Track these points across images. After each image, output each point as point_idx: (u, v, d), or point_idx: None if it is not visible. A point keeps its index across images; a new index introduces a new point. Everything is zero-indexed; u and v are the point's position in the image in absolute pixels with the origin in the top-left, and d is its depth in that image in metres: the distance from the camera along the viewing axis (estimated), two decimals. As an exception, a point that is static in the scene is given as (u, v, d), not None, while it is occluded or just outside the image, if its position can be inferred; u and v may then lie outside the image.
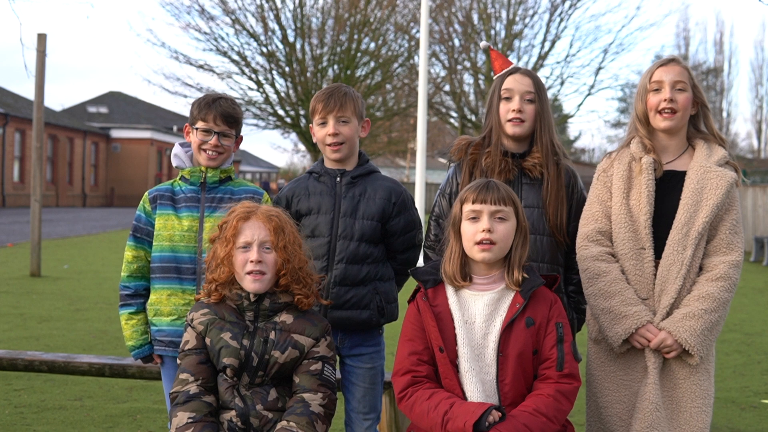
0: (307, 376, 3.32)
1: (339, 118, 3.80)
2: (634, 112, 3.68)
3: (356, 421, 3.86)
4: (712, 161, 3.55)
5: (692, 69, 3.67)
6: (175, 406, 3.28)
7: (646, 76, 3.64)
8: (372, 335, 3.89)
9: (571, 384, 3.20)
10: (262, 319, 3.37)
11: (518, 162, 3.82)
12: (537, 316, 3.22)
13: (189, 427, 3.19)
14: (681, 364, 3.45)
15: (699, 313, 3.37)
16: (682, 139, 3.67)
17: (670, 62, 3.63)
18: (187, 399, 3.26)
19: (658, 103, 3.56)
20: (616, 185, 3.59)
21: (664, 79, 3.57)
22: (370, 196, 3.81)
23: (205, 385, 3.32)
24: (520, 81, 3.83)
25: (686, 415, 3.43)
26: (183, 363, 3.36)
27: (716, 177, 3.49)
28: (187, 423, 3.20)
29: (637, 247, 3.49)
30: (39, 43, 13.06)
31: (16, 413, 5.99)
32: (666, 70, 3.59)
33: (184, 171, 3.92)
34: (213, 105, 3.86)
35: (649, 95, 3.60)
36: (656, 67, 3.63)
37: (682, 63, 3.63)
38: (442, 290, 3.30)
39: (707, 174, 3.50)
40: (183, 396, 3.28)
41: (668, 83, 3.56)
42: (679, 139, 3.66)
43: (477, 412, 3.00)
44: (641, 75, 3.77)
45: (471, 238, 3.23)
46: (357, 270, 3.76)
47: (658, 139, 3.64)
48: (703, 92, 3.67)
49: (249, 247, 3.33)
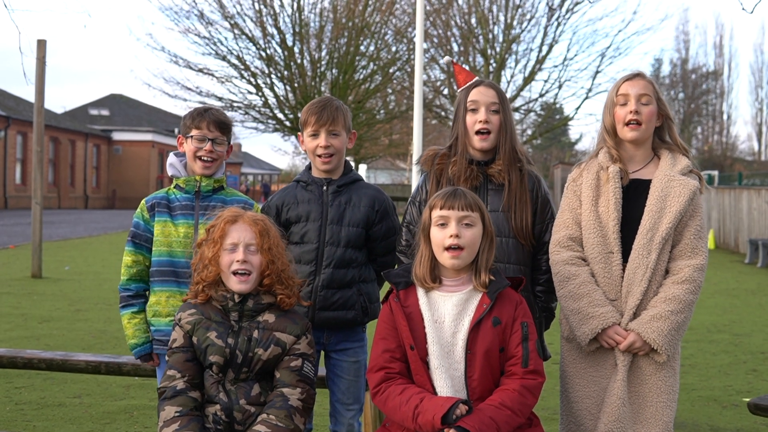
0: (288, 371, 3.53)
1: (330, 131, 4.04)
2: (602, 124, 3.90)
3: (341, 411, 4.11)
4: (675, 170, 3.76)
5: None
6: (163, 401, 3.48)
7: (613, 90, 3.84)
8: (356, 331, 4.15)
9: (536, 380, 3.40)
10: (246, 319, 3.57)
11: (483, 169, 4.00)
12: (503, 316, 3.42)
13: (176, 421, 3.40)
14: (648, 361, 3.66)
15: (666, 315, 3.59)
16: (647, 149, 3.88)
17: (635, 77, 3.84)
18: (174, 394, 3.47)
19: (625, 115, 3.77)
20: (585, 193, 3.80)
21: (630, 92, 3.78)
22: (355, 204, 4.05)
23: (191, 382, 3.52)
24: (484, 93, 4.02)
25: (652, 409, 3.65)
26: (171, 360, 3.57)
27: (679, 185, 3.70)
28: (174, 416, 3.41)
29: (606, 251, 3.70)
30: (38, 50, 13.22)
31: (16, 410, 6.21)
32: (632, 84, 3.80)
33: (180, 180, 4.15)
34: (205, 114, 4.10)
35: (616, 108, 3.81)
36: (622, 81, 3.84)
37: (646, 77, 3.84)
38: (413, 292, 3.50)
39: (671, 182, 3.71)
40: (170, 391, 3.48)
41: (634, 96, 3.77)
42: (645, 149, 3.87)
43: (445, 406, 3.21)
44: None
45: (440, 243, 3.43)
46: (343, 274, 4.00)
47: (625, 150, 3.85)
48: (667, 105, 3.88)
49: (235, 248, 3.54)
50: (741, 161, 54.94)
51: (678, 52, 57.23)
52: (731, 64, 59.03)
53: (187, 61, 26.59)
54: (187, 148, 4.12)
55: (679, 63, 57.96)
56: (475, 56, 31.32)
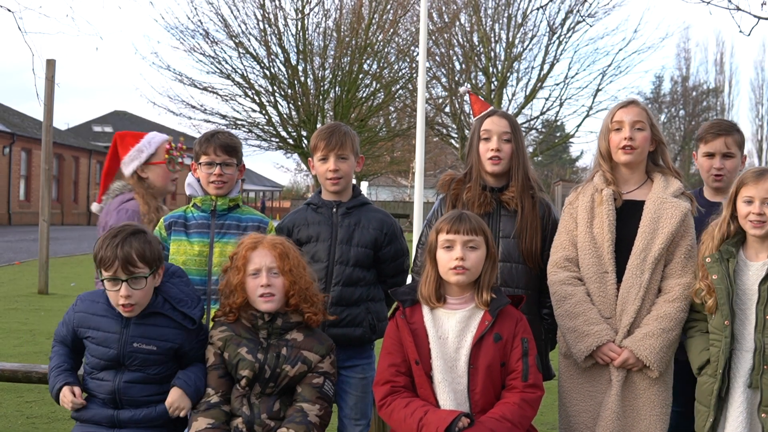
0: (309, 387, 3.73)
1: (339, 155, 4.21)
2: (598, 149, 4.07)
3: (348, 426, 4.27)
4: (668, 193, 3.93)
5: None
6: (196, 412, 3.68)
7: (609, 117, 4.03)
8: (364, 349, 4.30)
9: (535, 393, 3.58)
10: (275, 337, 3.78)
11: (497, 195, 4.20)
12: (504, 332, 3.59)
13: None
14: (642, 376, 3.83)
15: (658, 332, 3.76)
16: (641, 173, 4.05)
17: (629, 104, 4.03)
18: (208, 407, 3.69)
19: (620, 141, 3.95)
20: (581, 216, 3.97)
21: (625, 119, 3.96)
22: (364, 226, 4.22)
23: (225, 396, 3.74)
24: (497, 123, 4.22)
25: (646, 422, 3.82)
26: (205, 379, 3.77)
27: (671, 207, 3.87)
28: (206, 428, 3.61)
29: (601, 271, 3.87)
30: (47, 70, 13.38)
31: (28, 423, 6.35)
32: (626, 111, 3.99)
33: (197, 199, 4.34)
34: (212, 139, 4.30)
35: (611, 134, 3.99)
36: (617, 108, 4.03)
37: (640, 105, 4.03)
38: (419, 309, 3.67)
39: (663, 204, 3.88)
40: (204, 404, 3.71)
41: (628, 123, 3.95)
42: (639, 172, 4.04)
43: (448, 419, 3.38)
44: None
45: (446, 265, 3.60)
46: (351, 292, 4.16)
47: (620, 173, 4.03)
48: (660, 131, 4.07)
49: (258, 273, 3.75)
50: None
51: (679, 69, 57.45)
52: (732, 81, 59.23)
53: (191, 80, 26.77)
54: (200, 174, 4.31)
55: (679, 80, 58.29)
56: (477, 74, 31.59)
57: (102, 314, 3.77)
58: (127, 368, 3.72)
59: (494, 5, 30.91)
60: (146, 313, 3.74)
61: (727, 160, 4.49)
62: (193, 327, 3.79)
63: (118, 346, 3.70)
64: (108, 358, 3.72)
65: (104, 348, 3.72)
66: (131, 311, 3.68)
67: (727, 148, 4.49)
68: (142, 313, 3.73)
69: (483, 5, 30.79)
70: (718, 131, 4.52)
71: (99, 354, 3.74)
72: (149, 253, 3.67)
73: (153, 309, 3.73)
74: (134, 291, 3.64)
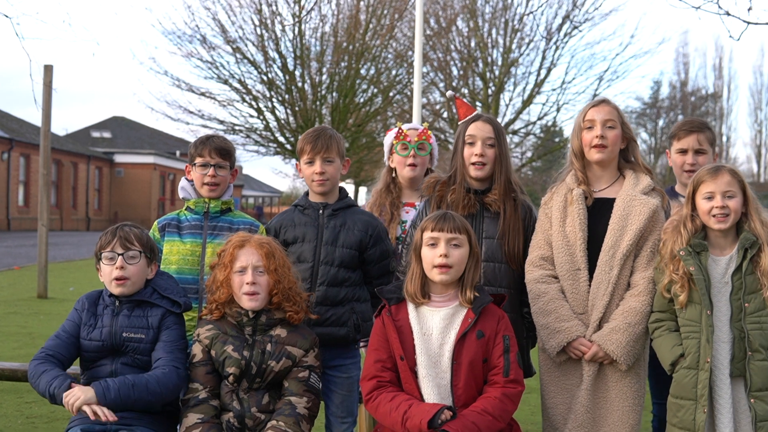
0: (295, 381, 3.87)
1: (325, 158, 4.34)
2: (571, 147, 4.22)
3: (335, 424, 4.40)
4: (638, 190, 4.08)
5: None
6: (186, 408, 3.83)
7: (580, 116, 4.18)
8: (349, 349, 4.42)
9: (516, 388, 3.72)
10: (260, 333, 3.92)
11: (480, 198, 4.33)
12: (486, 330, 3.73)
13: (197, 427, 3.75)
14: (613, 369, 3.98)
15: (624, 327, 3.90)
16: (613, 170, 4.20)
17: (600, 103, 4.19)
18: (197, 403, 3.83)
19: (591, 139, 4.11)
20: (555, 215, 4.12)
21: (596, 118, 4.12)
22: (349, 228, 4.34)
23: (212, 392, 3.88)
24: (481, 128, 4.36)
25: (619, 413, 3.96)
26: (193, 374, 3.91)
27: (640, 204, 4.02)
28: (196, 423, 3.76)
29: (574, 269, 4.02)
30: (45, 75, 13.50)
31: (27, 423, 6.48)
32: (597, 110, 4.14)
33: (190, 202, 4.50)
34: (207, 142, 4.46)
35: (583, 132, 4.15)
36: (589, 107, 4.18)
37: (611, 103, 4.19)
38: (404, 307, 3.82)
39: (632, 202, 4.03)
40: (194, 400, 3.85)
41: (600, 122, 4.11)
42: (611, 169, 4.20)
43: (431, 412, 3.52)
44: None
45: (430, 262, 3.75)
46: (336, 292, 4.28)
47: (593, 171, 4.18)
48: (631, 128, 4.23)
49: (244, 271, 3.90)
50: (739, 183, 54.94)
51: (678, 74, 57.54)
52: (731, 86, 59.32)
53: (189, 85, 26.84)
54: (194, 176, 4.46)
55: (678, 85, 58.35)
56: (475, 79, 31.67)
57: (99, 312, 3.99)
58: (124, 353, 3.89)
59: (491, 10, 31.06)
60: (135, 302, 3.94)
61: (699, 156, 4.66)
62: (179, 310, 3.99)
63: (109, 337, 3.88)
64: (102, 348, 3.89)
65: (98, 342, 3.90)
66: (123, 285, 3.92)
67: (699, 145, 4.66)
68: (131, 302, 3.93)
69: (480, 10, 30.93)
70: (690, 128, 4.70)
71: (94, 348, 3.91)
72: (145, 238, 4.03)
73: (142, 297, 3.95)
74: (129, 265, 3.91)
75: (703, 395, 3.70)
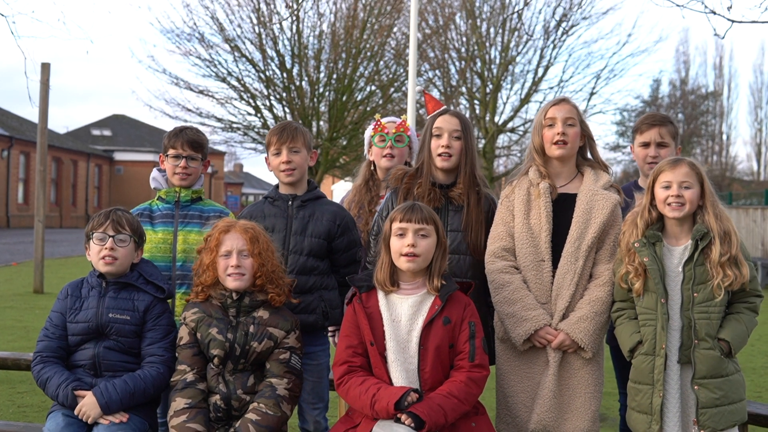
0: (277, 363, 4.02)
1: (291, 148, 4.48)
2: (531, 144, 4.36)
3: (307, 410, 4.53)
4: (598, 185, 4.23)
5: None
6: (174, 392, 3.97)
7: (541, 114, 4.32)
8: (318, 336, 4.54)
9: (481, 372, 3.85)
10: (243, 314, 4.06)
11: (445, 192, 4.46)
12: (453, 316, 3.87)
13: (185, 412, 3.88)
14: (576, 357, 4.11)
15: (591, 316, 4.04)
16: (572, 166, 4.35)
17: (561, 101, 4.33)
18: (185, 386, 3.96)
19: (552, 136, 4.25)
20: (518, 208, 4.25)
21: (557, 116, 4.26)
22: (318, 218, 4.47)
23: (199, 373, 4.02)
24: (449, 121, 4.48)
25: (581, 399, 4.09)
26: (180, 356, 4.06)
27: (602, 199, 4.17)
28: (183, 408, 3.89)
29: (537, 260, 4.15)
30: (42, 73, 13.65)
31: (19, 412, 6.64)
32: (558, 108, 4.29)
33: (161, 192, 4.68)
34: (180, 134, 4.64)
35: (545, 130, 4.29)
36: (550, 105, 4.33)
37: (571, 102, 4.34)
38: (374, 294, 3.95)
39: (595, 196, 4.17)
40: (181, 383, 3.98)
41: (560, 119, 4.25)
42: (570, 166, 4.34)
43: (398, 394, 3.66)
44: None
45: (398, 251, 3.89)
46: (305, 280, 4.40)
47: (553, 166, 4.32)
48: (588, 127, 4.38)
49: (230, 254, 4.05)
50: (739, 181, 55.09)
51: (678, 72, 57.54)
52: (731, 84, 59.25)
53: (187, 83, 26.93)
54: (166, 166, 4.65)
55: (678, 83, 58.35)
56: (473, 78, 31.78)
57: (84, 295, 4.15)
58: (107, 337, 4.03)
59: (489, 9, 31.15)
60: (121, 284, 4.10)
61: (662, 149, 4.78)
62: (163, 296, 4.15)
63: (95, 317, 4.02)
64: (88, 330, 4.03)
65: (84, 323, 4.04)
66: (111, 264, 4.08)
67: (661, 138, 4.79)
68: (117, 284, 4.09)
69: (478, 8, 31.02)
70: (653, 122, 4.83)
71: (80, 330, 4.04)
72: (136, 224, 4.21)
73: (127, 280, 4.11)
74: (118, 248, 4.09)
75: (659, 380, 3.85)
